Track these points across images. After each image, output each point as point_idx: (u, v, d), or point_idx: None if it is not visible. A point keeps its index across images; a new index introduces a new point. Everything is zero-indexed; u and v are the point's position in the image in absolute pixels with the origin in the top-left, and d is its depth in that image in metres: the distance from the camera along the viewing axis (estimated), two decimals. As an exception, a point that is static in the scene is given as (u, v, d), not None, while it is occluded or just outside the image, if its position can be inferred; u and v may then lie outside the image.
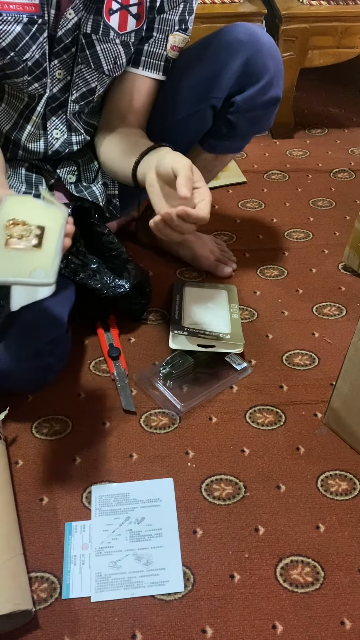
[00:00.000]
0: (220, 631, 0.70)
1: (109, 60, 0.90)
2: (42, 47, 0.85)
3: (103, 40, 0.87)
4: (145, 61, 0.94)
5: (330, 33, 1.60)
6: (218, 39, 0.98)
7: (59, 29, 0.85)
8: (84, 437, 0.92)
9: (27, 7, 0.81)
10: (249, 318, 1.14)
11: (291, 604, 0.73)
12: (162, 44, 0.93)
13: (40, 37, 0.84)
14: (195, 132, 1.05)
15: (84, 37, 0.86)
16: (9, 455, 0.88)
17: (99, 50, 0.88)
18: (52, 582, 0.74)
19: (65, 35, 0.86)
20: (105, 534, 0.79)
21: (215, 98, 1.00)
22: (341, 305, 1.17)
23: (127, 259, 1.03)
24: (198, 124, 1.03)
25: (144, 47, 0.93)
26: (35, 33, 0.83)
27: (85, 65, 0.89)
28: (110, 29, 0.87)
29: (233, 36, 0.96)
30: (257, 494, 0.84)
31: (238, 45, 0.96)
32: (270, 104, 1.02)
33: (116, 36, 0.88)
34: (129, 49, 0.91)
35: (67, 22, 0.84)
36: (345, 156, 1.69)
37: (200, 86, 0.99)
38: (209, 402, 0.97)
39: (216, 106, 1.01)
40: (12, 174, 1.00)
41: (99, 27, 0.86)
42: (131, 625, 0.70)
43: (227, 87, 0.98)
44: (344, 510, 0.83)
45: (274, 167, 1.63)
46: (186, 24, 0.94)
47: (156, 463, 0.88)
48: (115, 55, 0.90)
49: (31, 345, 0.86)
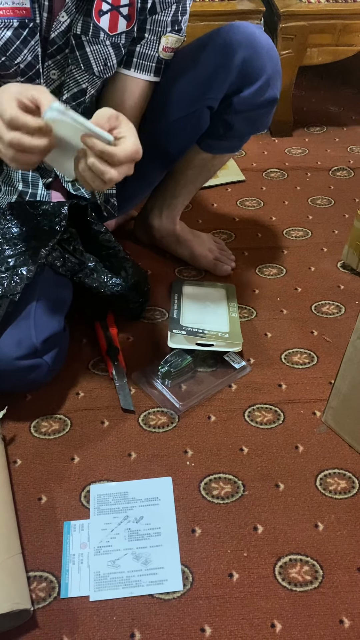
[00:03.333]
0: (219, 630, 0.70)
1: (99, 62, 0.89)
2: (34, 50, 0.84)
3: (93, 42, 0.86)
4: (137, 62, 0.93)
5: (329, 31, 1.59)
6: (215, 39, 0.97)
7: (52, 32, 0.84)
8: (82, 436, 0.91)
9: (17, 12, 0.80)
10: (247, 317, 1.14)
11: (290, 602, 0.73)
12: (154, 45, 0.92)
13: (32, 41, 0.83)
14: (192, 133, 1.05)
15: (74, 38, 0.85)
16: (7, 454, 0.88)
17: (88, 51, 0.87)
18: (51, 581, 0.74)
19: (59, 38, 0.85)
20: (104, 533, 0.79)
21: (211, 99, 0.99)
22: (340, 304, 1.17)
23: (124, 257, 1.03)
24: (195, 125, 1.03)
25: (135, 49, 0.92)
26: (26, 37, 0.82)
27: (76, 66, 0.89)
28: (101, 30, 0.86)
29: (230, 36, 0.96)
30: (256, 493, 0.84)
31: (235, 46, 0.95)
32: (268, 104, 1.01)
33: (106, 37, 0.87)
34: (119, 50, 0.90)
35: (59, 25, 0.83)
36: (344, 154, 1.69)
37: (197, 87, 0.98)
38: (208, 401, 0.97)
39: (213, 107, 1.00)
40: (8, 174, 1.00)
41: (89, 29, 0.85)
42: (130, 624, 0.70)
43: (224, 87, 0.98)
44: (342, 508, 0.83)
45: (273, 166, 1.63)
46: (179, 24, 0.93)
47: (155, 462, 0.88)
48: (105, 57, 0.89)
49: (29, 344, 0.86)
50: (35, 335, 0.87)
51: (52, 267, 0.94)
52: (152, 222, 1.23)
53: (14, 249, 0.92)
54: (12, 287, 0.86)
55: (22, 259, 0.90)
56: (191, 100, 0.99)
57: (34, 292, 0.90)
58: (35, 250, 0.91)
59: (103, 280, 1.00)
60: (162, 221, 1.21)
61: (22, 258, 0.90)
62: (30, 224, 0.94)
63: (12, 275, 0.87)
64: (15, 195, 1.00)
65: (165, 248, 1.26)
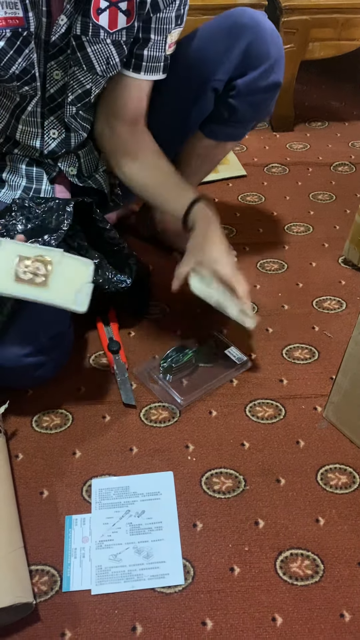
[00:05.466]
0: (220, 624, 0.70)
1: (101, 61, 0.88)
2: (29, 58, 0.83)
3: (93, 42, 0.85)
4: (147, 66, 0.92)
5: (331, 25, 1.59)
6: (221, 23, 0.98)
7: (52, 35, 0.83)
8: (84, 430, 0.92)
9: (10, 21, 0.78)
10: (249, 312, 1.14)
11: (291, 596, 0.73)
12: (162, 45, 0.91)
13: (26, 49, 0.81)
14: (197, 115, 1.06)
15: (74, 39, 0.84)
16: (9, 448, 0.88)
17: (90, 51, 0.86)
18: (53, 575, 0.75)
19: (60, 40, 0.84)
20: (106, 527, 0.79)
21: (217, 81, 1.00)
22: (341, 299, 1.17)
23: (128, 254, 1.03)
24: (199, 107, 1.03)
25: (144, 53, 0.91)
26: (20, 46, 0.81)
27: (78, 68, 0.88)
28: (100, 28, 0.84)
29: (236, 20, 0.97)
30: (257, 488, 0.84)
31: (241, 29, 0.96)
32: (271, 88, 1.02)
33: (107, 35, 0.86)
34: (121, 48, 0.88)
35: (59, 28, 0.82)
36: (345, 149, 1.69)
37: (203, 69, 0.99)
38: (209, 396, 0.97)
39: (218, 89, 1.01)
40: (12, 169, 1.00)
41: (88, 28, 0.84)
42: (131, 618, 0.71)
43: (229, 70, 0.99)
44: (343, 503, 0.83)
45: (274, 161, 1.63)
46: (182, 17, 0.92)
47: (156, 456, 0.88)
48: (107, 55, 0.88)
49: (35, 341, 0.86)
50: (41, 332, 0.87)
51: None
52: (154, 214, 1.23)
53: None
54: None
55: None
56: (198, 82, 1.00)
57: None
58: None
59: (107, 276, 0.99)
60: (164, 214, 1.21)
61: None
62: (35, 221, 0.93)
63: None
64: (19, 190, 1.00)
65: (166, 242, 1.26)
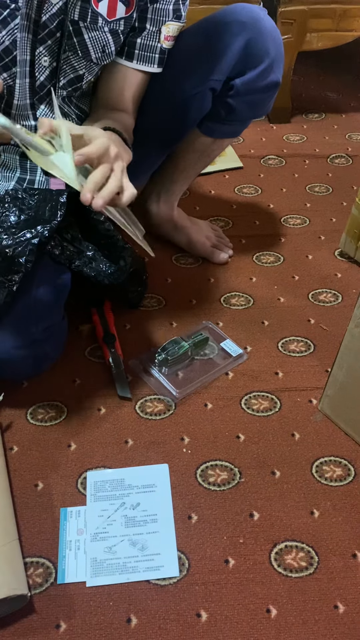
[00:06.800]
0: (214, 615, 0.71)
1: (97, 49, 0.87)
2: (13, 34, 0.81)
3: (91, 28, 0.85)
4: (139, 54, 0.92)
5: (329, 15, 1.58)
6: (218, 20, 0.96)
7: (42, 14, 0.81)
8: (79, 423, 0.92)
9: None
10: (244, 304, 1.14)
11: (285, 588, 0.73)
12: (156, 36, 0.91)
13: (12, 23, 0.80)
14: (194, 115, 1.04)
15: (71, 24, 0.84)
16: (4, 441, 0.88)
17: (86, 38, 0.85)
18: (48, 567, 0.75)
19: (50, 21, 0.83)
20: (101, 520, 0.79)
21: (215, 80, 0.99)
22: (337, 292, 1.17)
23: (123, 246, 1.02)
24: (197, 107, 1.02)
25: (137, 40, 0.91)
26: (6, 17, 0.79)
27: (73, 53, 0.87)
28: (99, 16, 0.84)
29: (234, 17, 0.95)
30: (252, 480, 0.85)
31: (239, 27, 0.94)
32: (270, 88, 1.01)
33: (105, 24, 0.85)
34: (118, 37, 0.88)
35: (51, 6, 0.81)
36: (342, 141, 1.68)
37: (200, 68, 0.98)
38: (205, 389, 0.97)
39: (216, 89, 1.00)
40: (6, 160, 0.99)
41: (87, 15, 0.83)
42: (126, 610, 0.71)
43: (227, 69, 0.97)
44: (338, 496, 0.83)
45: (271, 152, 1.62)
46: (180, 12, 0.92)
47: (151, 449, 0.88)
48: (104, 43, 0.87)
49: (27, 333, 0.86)
50: (34, 324, 0.86)
51: (51, 256, 0.93)
52: (149, 207, 1.22)
53: (12, 238, 0.91)
54: (10, 277, 0.86)
55: (20, 248, 0.89)
56: (195, 82, 0.99)
57: (33, 281, 0.89)
58: (34, 239, 0.90)
59: (102, 269, 0.99)
60: (160, 207, 1.21)
61: (20, 247, 0.90)
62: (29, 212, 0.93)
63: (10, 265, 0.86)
64: (13, 181, 0.99)
65: (162, 235, 1.26)
